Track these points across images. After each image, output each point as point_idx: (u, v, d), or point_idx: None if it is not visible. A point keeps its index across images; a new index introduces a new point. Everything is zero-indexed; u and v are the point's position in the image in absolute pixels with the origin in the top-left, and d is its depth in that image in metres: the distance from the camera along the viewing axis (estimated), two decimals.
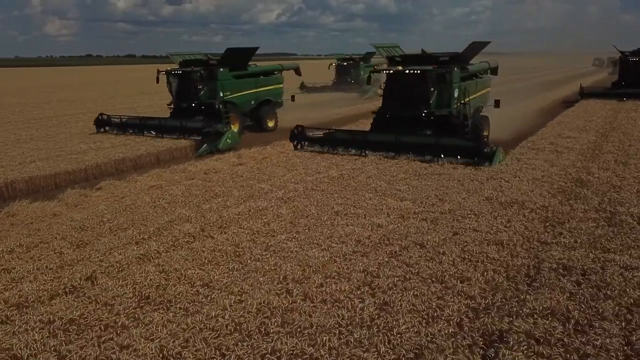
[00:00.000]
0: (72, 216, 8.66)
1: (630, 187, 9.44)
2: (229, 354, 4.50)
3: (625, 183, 9.72)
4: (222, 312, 5.16)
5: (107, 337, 4.79)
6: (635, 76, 25.38)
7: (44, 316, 5.15)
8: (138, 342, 4.64)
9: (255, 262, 6.44)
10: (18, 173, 11.75)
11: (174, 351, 4.52)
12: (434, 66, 12.45)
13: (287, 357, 4.44)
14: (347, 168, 11.61)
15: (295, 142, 13.96)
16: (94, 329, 4.96)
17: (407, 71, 12.69)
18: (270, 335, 4.77)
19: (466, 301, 5.32)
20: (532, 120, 19.09)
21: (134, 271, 6.22)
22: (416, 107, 12.75)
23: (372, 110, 14.47)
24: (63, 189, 10.97)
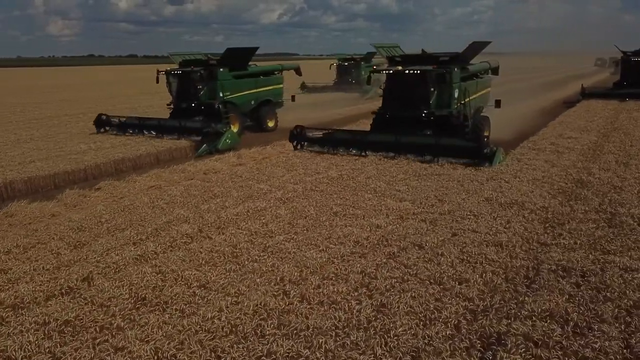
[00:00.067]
0: (70, 217, 8.63)
1: (631, 187, 9.38)
2: (224, 356, 4.47)
3: (626, 184, 9.66)
4: (218, 313, 5.13)
5: (102, 338, 4.76)
6: (637, 76, 25.27)
7: (40, 317, 5.13)
8: (133, 344, 4.61)
9: (252, 263, 6.41)
10: (17, 173, 11.73)
11: (169, 353, 4.49)
12: (434, 66, 12.40)
13: (283, 359, 4.41)
14: (347, 168, 11.57)
15: (295, 142, 13.92)
16: (89, 330, 4.93)
17: (407, 71, 12.64)
18: (266, 337, 4.74)
19: (464, 303, 5.28)
20: (534, 120, 19.03)
21: (131, 272, 6.19)
22: (416, 107, 12.69)
23: (373, 110, 14.40)
24: (62, 189, 10.92)
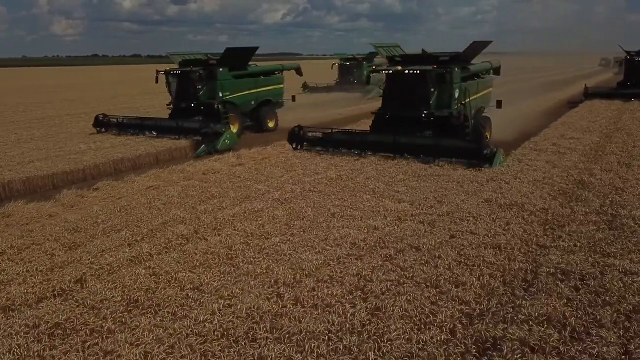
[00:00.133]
0: (66, 217, 8.59)
1: (633, 189, 9.26)
2: None
3: (628, 185, 9.54)
4: (211, 317, 5.07)
5: (92, 342, 4.70)
6: None
7: (30, 320, 5.07)
8: (123, 347, 4.55)
9: (247, 266, 6.34)
10: (16, 173, 11.70)
11: (159, 357, 4.42)
12: (434, 66, 12.30)
13: None
14: (346, 169, 11.49)
15: (294, 143, 13.83)
16: (79, 333, 4.87)
17: (406, 71, 12.53)
18: (258, 341, 4.66)
19: (460, 307, 5.20)
20: (536, 120, 18.91)
21: (124, 274, 6.13)
22: (416, 107, 12.59)
23: (374, 110, 14.27)
24: (61, 189, 10.87)
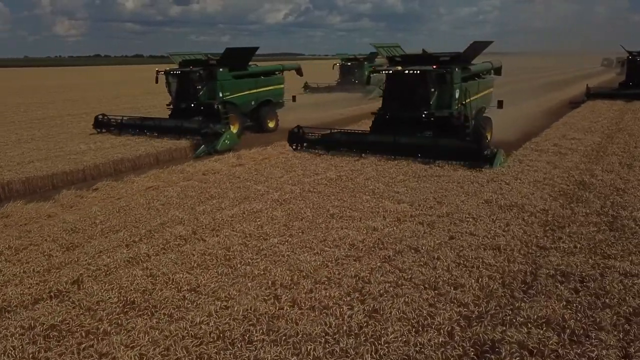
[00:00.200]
0: (64, 218, 8.57)
1: (634, 190, 9.20)
2: None
3: (629, 186, 9.48)
4: (207, 318, 5.03)
5: (88, 344, 4.67)
6: None
7: (25, 322, 5.04)
8: (118, 349, 4.52)
9: (245, 267, 6.31)
10: (15, 173, 11.70)
11: None
12: (434, 66, 12.25)
13: None
14: (346, 169, 11.45)
15: (293, 143, 13.79)
16: (74, 335, 4.84)
17: (406, 71, 12.48)
18: (254, 343, 4.63)
19: (459, 309, 5.15)
20: (538, 121, 18.84)
21: (121, 275, 6.10)
22: (416, 108, 12.54)
23: (374, 111, 14.23)
24: (60, 189, 10.85)
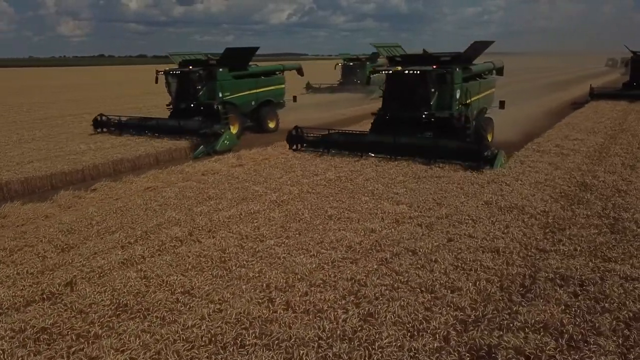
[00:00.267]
0: (60, 218, 8.52)
1: (637, 191, 9.09)
2: None
3: (632, 187, 9.37)
4: (200, 322, 4.97)
5: (78, 347, 4.61)
6: None
7: (16, 324, 4.99)
8: (107, 353, 4.46)
9: (240, 269, 6.24)
10: (14, 174, 11.66)
11: None
12: (434, 66, 12.15)
13: None
14: (346, 170, 11.37)
15: (292, 144, 13.71)
16: (65, 338, 4.78)
17: (406, 71, 12.38)
18: (246, 347, 4.56)
19: (455, 313, 5.07)
20: (539, 121, 18.71)
21: (115, 277, 6.04)
22: (416, 108, 12.44)
23: (376, 111, 14.13)
24: (59, 190, 10.81)
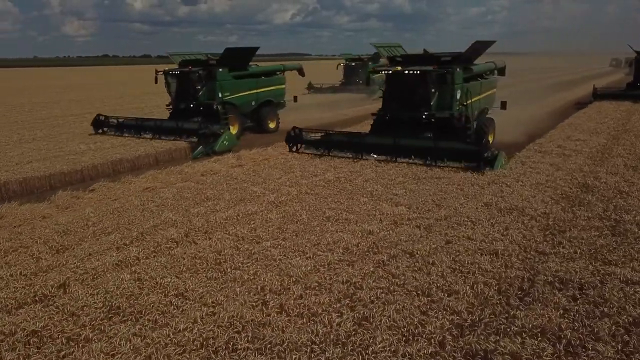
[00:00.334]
0: (57, 219, 8.47)
1: (639, 193, 8.97)
2: None
3: (634, 189, 9.25)
4: (192, 325, 4.90)
5: (67, 351, 4.55)
6: None
7: (6, 327, 4.93)
8: (97, 357, 4.40)
9: (234, 271, 6.17)
10: (13, 174, 11.63)
11: None
12: (434, 66, 12.04)
13: None
14: (345, 171, 11.30)
15: (291, 144, 13.63)
16: (55, 342, 4.71)
17: (406, 72, 12.28)
18: (238, 352, 4.49)
19: (451, 317, 4.99)
20: (542, 122, 18.57)
21: (109, 279, 5.98)
22: (416, 109, 12.34)
23: (374, 112, 14.06)
24: (58, 190, 10.77)
